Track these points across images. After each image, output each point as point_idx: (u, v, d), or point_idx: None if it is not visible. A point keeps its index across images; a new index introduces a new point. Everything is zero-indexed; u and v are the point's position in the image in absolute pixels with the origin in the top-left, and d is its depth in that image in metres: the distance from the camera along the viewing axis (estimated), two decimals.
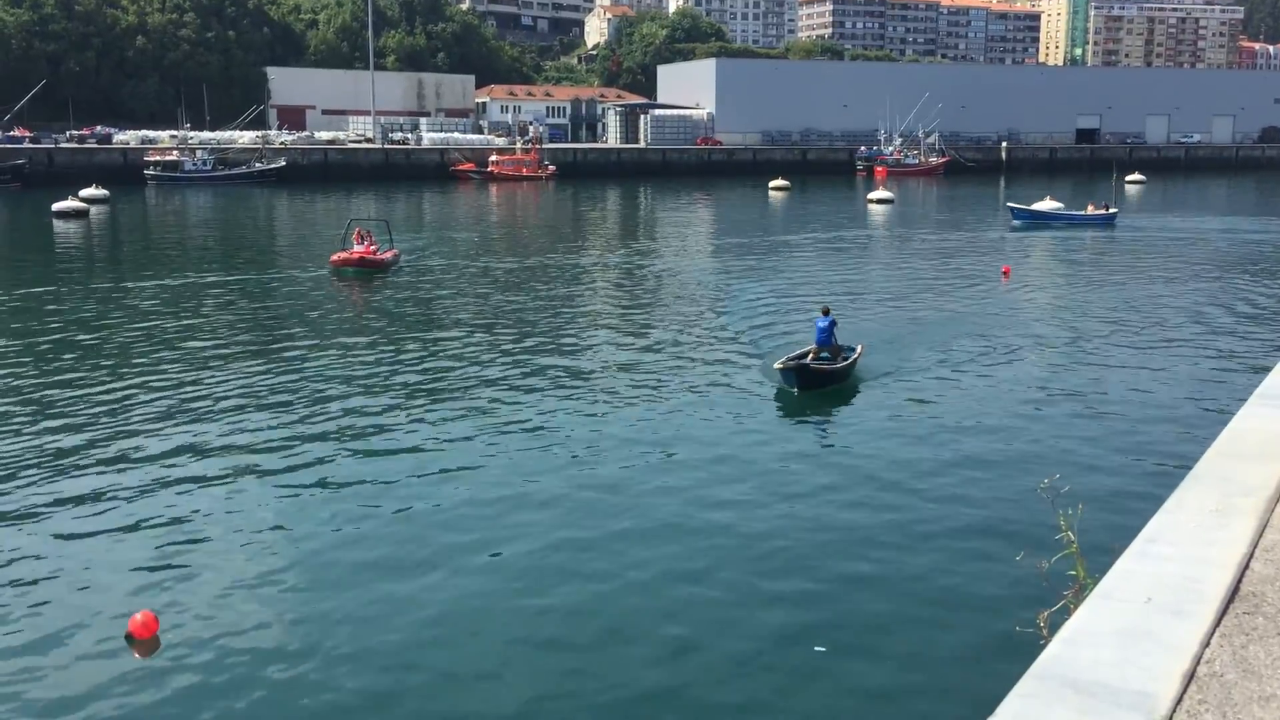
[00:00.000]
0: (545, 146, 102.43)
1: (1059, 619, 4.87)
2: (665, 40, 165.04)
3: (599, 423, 17.62)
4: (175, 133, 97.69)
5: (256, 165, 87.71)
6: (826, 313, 20.46)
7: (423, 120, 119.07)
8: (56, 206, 56.75)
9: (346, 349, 23.53)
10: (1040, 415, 18.24)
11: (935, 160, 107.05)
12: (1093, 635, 3.42)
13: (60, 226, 53.24)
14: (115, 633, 10.26)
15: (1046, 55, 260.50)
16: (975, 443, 16.59)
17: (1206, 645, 3.43)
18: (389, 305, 30.01)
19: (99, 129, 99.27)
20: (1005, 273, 36.03)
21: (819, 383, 18.98)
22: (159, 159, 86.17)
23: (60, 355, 22.85)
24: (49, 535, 12.76)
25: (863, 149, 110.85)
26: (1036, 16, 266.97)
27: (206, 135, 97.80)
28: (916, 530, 12.98)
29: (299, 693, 9.38)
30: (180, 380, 20.39)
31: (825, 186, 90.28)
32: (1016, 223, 54.57)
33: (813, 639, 10.18)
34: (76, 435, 16.78)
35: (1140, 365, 22.34)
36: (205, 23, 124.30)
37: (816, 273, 37.11)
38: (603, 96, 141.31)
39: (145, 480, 14.69)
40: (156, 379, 20.51)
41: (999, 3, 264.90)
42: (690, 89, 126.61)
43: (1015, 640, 7.72)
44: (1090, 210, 54.85)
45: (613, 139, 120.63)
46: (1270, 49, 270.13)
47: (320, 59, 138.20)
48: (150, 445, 16.25)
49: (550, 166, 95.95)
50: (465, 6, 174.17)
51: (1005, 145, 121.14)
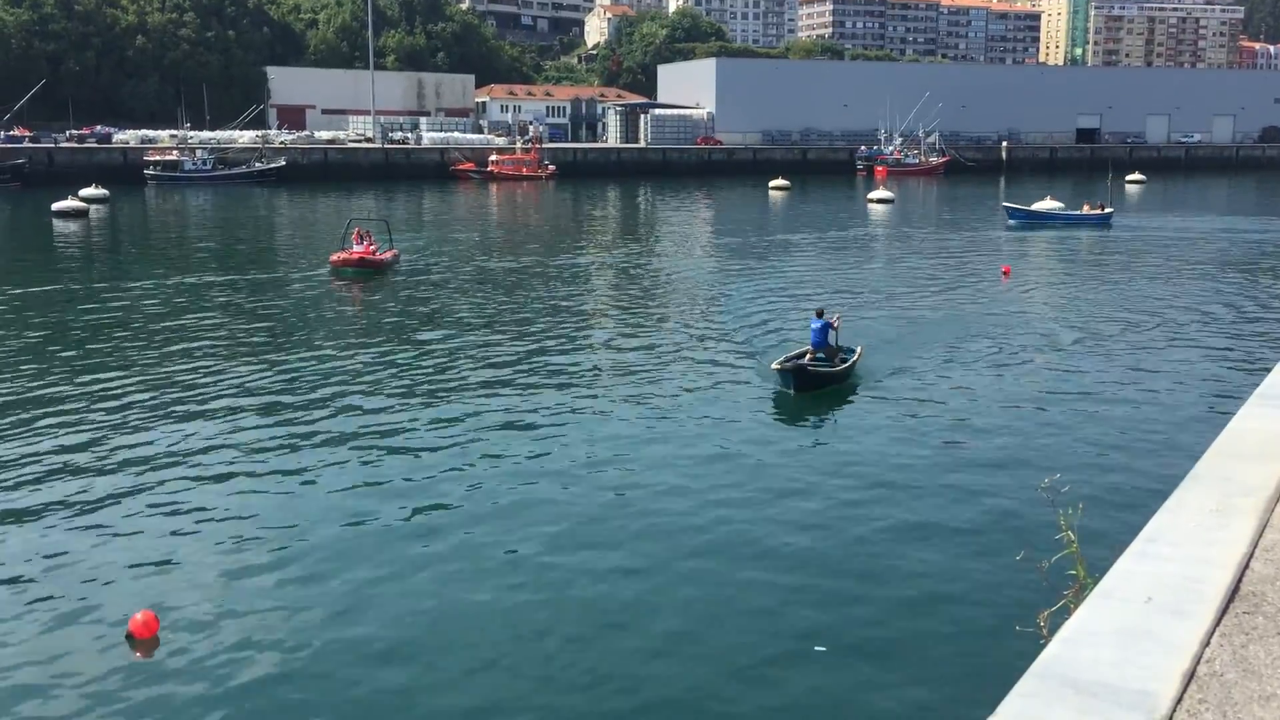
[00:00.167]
0: (545, 146, 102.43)
1: (1059, 618, 4.88)
2: (665, 40, 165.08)
3: (597, 423, 17.64)
4: (175, 132, 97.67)
5: (256, 165, 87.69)
6: (820, 314, 20.48)
7: (423, 120, 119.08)
8: (56, 206, 56.77)
9: (346, 349, 23.54)
10: (1040, 415, 18.25)
11: (935, 160, 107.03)
12: (1093, 635, 3.42)
13: (60, 226, 53.26)
14: (116, 632, 10.27)
15: (1047, 55, 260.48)
16: (975, 442, 16.60)
17: (1207, 645, 3.43)
18: (388, 305, 30.02)
19: (99, 128, 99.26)
20: (1005, 272, 36.02)
21: (816, 384, 19.01)
22: (159, 159, 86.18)
23: (60, 355, 22.87)
24: (49, 535, 12.77)
25: (863, 149, 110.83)
26: (1037, 16, 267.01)
27: (206, 135, 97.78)
28: (916, 530, 12.98)
29: (300, 692, 9.38)
30: (180, 380, 20.40)
31: (825, 186, 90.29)
32: (1012, 222, 54.58)
33: (813, 638, 10.19)
34: (76, 434, 16.79)
35: (1140, 365, 22.35)
36: (205, 22, 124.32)
37: (816, 272, 37.11)
38: (603, 96, 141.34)
39: (145, 479, 14.70)
40: (156, 378, 20.53)
41: (999, 2, 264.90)
42: (690, 89, 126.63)
43: (1015, 639, 7.72)
44: (1086, 210, 54.87)
45: (613, 139, 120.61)
46: (1270, 49, 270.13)
47: (320, 59, 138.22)
48: (150, 444, 16.26)
49: (550, 166, 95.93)
50: (465, 6, 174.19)
51: (1005, 145, 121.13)
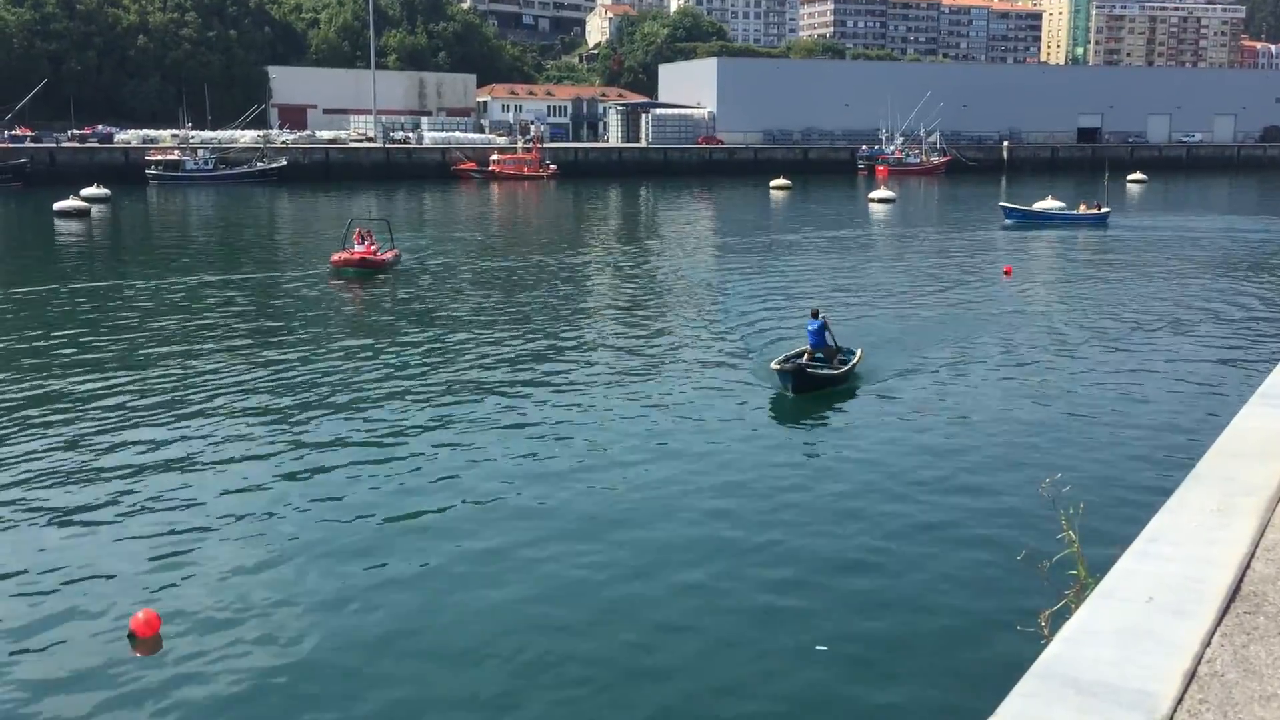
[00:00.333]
0: (546, 146, 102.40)
1: (1060, 618, 4.88)
2: (666, 39, 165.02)
3: (596, 423, 17.63)
4: (176, 132, 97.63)
5: (258, 164, 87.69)
6: (816, 315, 20.38)
7: (424, 119, 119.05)
8: (58, 206, 56.79)
9: (346, 349, 23.55)
10: (1041, 415, 18.24)
11: (936, 159, 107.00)
12: (1094, 634, 3.43)
13: (62, 226, 53.28)
14: (117, 631, 10.27)
15: (1048, 54, 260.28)
16: (975, 442, 16.59)
17: (1207, 645, 3.43)
18: (389, 305, 30.04)
19: (100, 128, 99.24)
20: (1007, 272, 36.00)
21: (815, 386, 18.97)
22: (160, 158, 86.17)
23: (61, 354, 22.88)
24: (51, 534, 12.78)
25: (864, 148, 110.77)
26: (1038, 16, 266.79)
27: (208, 134, 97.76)
28: (916, 530, 12.98)
29: (301, 690, 9.39)
30: (181, 379, 20.42)
31: (826, 186, 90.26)
32: (1008, 222, 54.57)
33: (814, 639, 10.19)
34: (77, 433, 16.80)
35: (1141, 365, 22.33)
36: (207, 22, 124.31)
37: (817, 272, 37.10)
38: (604, 96, 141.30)
39: (146, 478, 14.71)
40: (157, 378, 20.54)
41: (1000, 2, 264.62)
42: (691, 88, 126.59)
43: (1016, 639, 7.73)
44: (1082, 210, 54.91)
45: (614, 138, 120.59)
46: (1272, 48, 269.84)
47: (321, 58, 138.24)
48: (151, 443, 16.27)
49: (552, 166, 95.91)
50: (466, 6, 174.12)
51: (1007, 144, 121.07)
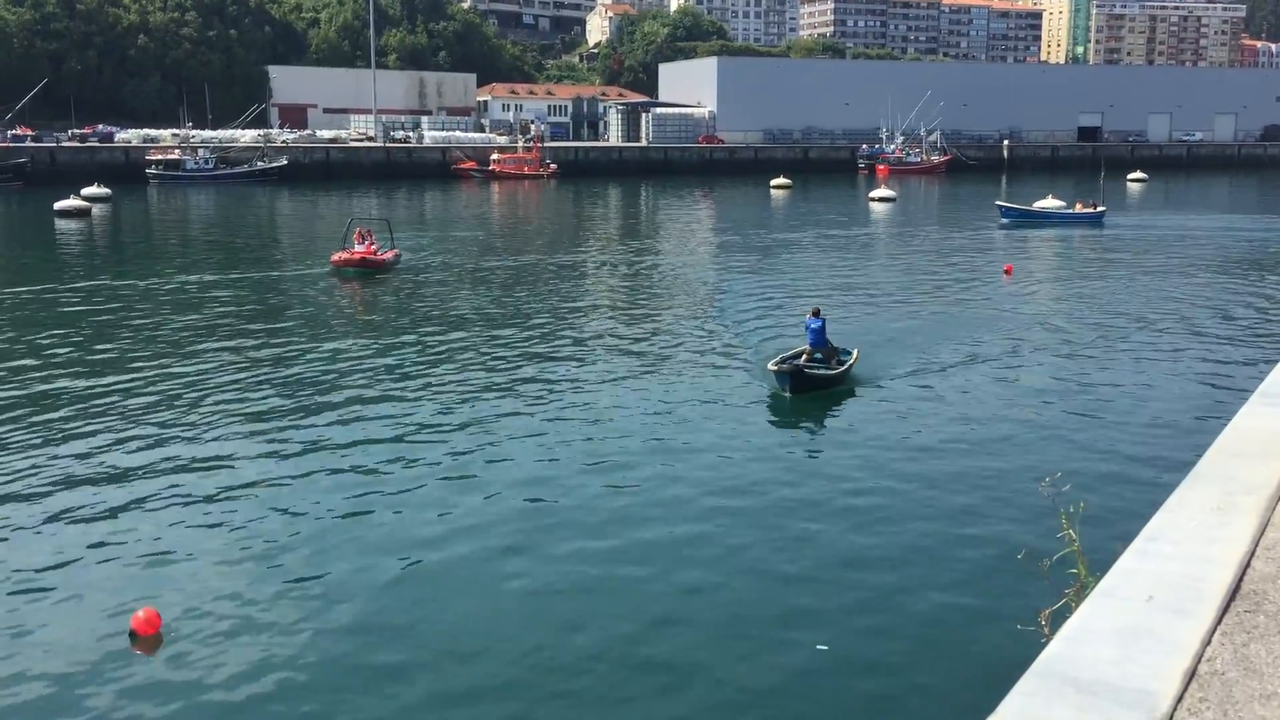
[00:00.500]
0: (547, 145, 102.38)
1: (1060, 617, 4.88)
2: (667, 39, 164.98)
3: (592, 424, 17.61)
4: (177, 131, 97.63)
5: (258, 164, 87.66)
6: (817, 314, 20.30)
7: (424, 119, 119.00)
8: (58, 205, 56.80)
9: (346, 348, 23.55)
10: (1041, 414, 18.23)
11: (937, 159, 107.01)
12: (1094, 633, 3.43)
13: (62, 225, 53.29)
14: (118, 629, 10.28)
15: (1048, 53, 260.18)
16: (975, 441, 16.58)
17: (1208, 643, 3.43)
18: (389, 305, 30.04)
19: (101, 128, 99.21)
20: (1007, 271, 35.99)
21: (812, 387, 18.93)
22: (161, 158, 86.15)
23: (62, 353, 22.89)
24: (51, 532, 12.79)
25: (864, 147, 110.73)
26: (1038, 15, 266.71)
27: (208, 134, 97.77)
28: (916, 529, 12.98)
29: (302, 687, 9.39)
30: (181, 378, 20.42)
31: (827, 185, 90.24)
32: (1005, 221, 54.52)
33: (814, 638, 10.19)
34: (78, 432, 16.81)
35: (1141, 363, 22.33)
36: (207, 21, 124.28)
37: (817, 271, 37.10)
38: (604, 95, 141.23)
39: (147, 476, 14.71)
40: (157, 377, 20.55)
41: (1000, 1, 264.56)
42: (692, 87, 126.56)
43: (1016, 638, 7.72)
44: (1079, 209, 54.92)
45: (614, 137, 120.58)
46: (1272, 47, 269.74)
47: (322, 58, 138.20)
48: (151, 442, 16.27)
49: (552, 165, 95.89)
50: (467, 5, 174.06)
51: (1007, 143, 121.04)
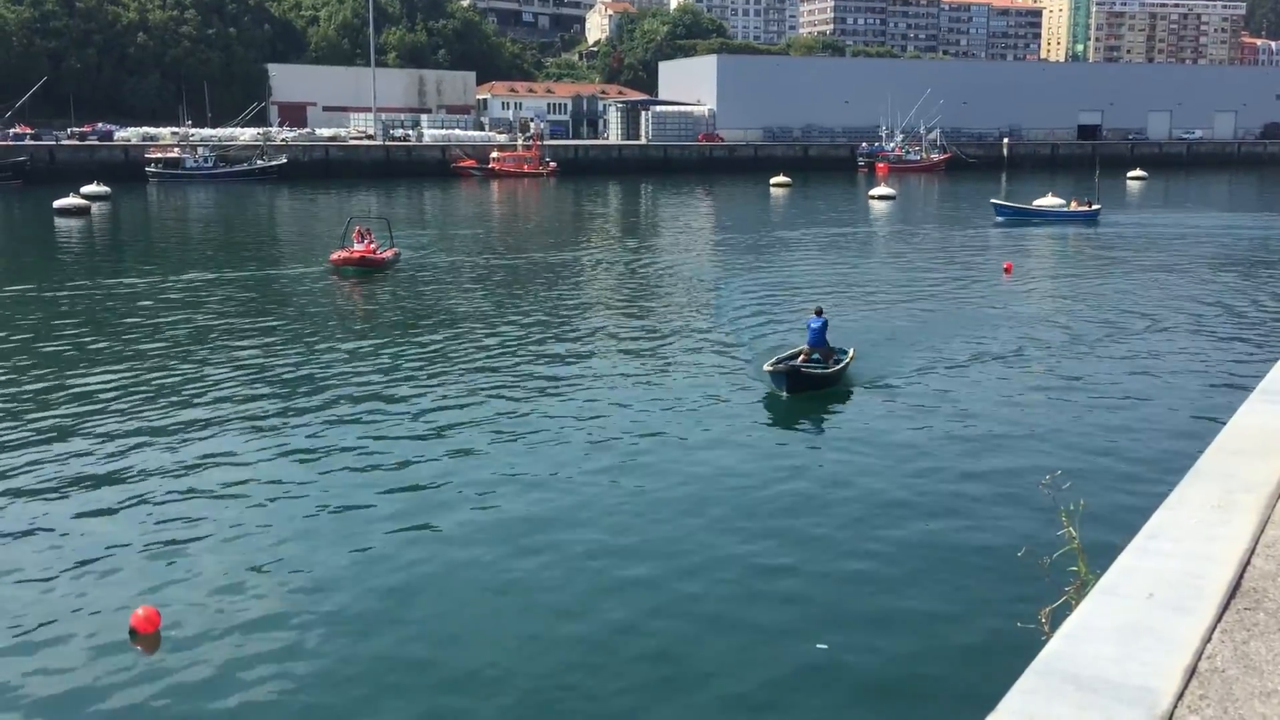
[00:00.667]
0: (546, 143, 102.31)
1: (1060, 615, 4.88)
2: (666, 36, 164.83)
3: (590, 421, 17.61)
4: (176, 130, 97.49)
5: (258, 162, 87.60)
6: (819, 313, 20.27)
7: (424, 117, 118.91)
8: (58, 203, 56.78)
9: (345, 347, 23.55)
10: (1041, 412, 18.24)
11: (937, 157, 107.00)
12: (1094, 631, 3.42)
13: (62, 223, 53.29)
14: (118, 627, 10.28)
15: (1048, 51, 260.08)
16: (975, 439, 16.59)
17: (1208, 641, 3.43)
18: (389, 304, 30.04)
19: (100, 126, 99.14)
20: (1007, 269, 35.98)
21: (809, 386, 18.90)
22: (160, 156, 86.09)
23: (60, 352, 22.89)
24: (51, 530, 12.79)
25: (864, 145, 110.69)
26: (1038, 13, 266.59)
27: (208, 132, 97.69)
28: (915, 527, 12.98)
29: (302, 685, 9.39)
30: (181, 376, 20.43)
31: (826, 183, 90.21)
32: (999, 219, 54.49)
33: (814, 637, 10.19)
34: (78, 431, 16.81)
35: (1141, 361, 22.33)
36: (206, 19, 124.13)
37: (817, 270, 37.09)
38: (604, 93, 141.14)
39: (146, 475, 14.71)
40: (157, 375, 20.55)
41: None
42: (691, 85, 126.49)
43: (1017, 636, 7.72)
44: (1073, 207, 54.96)
45: (614, 135, 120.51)
46: (1272, 45, 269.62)
47: (321, 56, 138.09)
48: (150, 441, 16.28)
49: (552, 163, 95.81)
50: (466, 3, 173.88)
51: (1007, 141, 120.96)
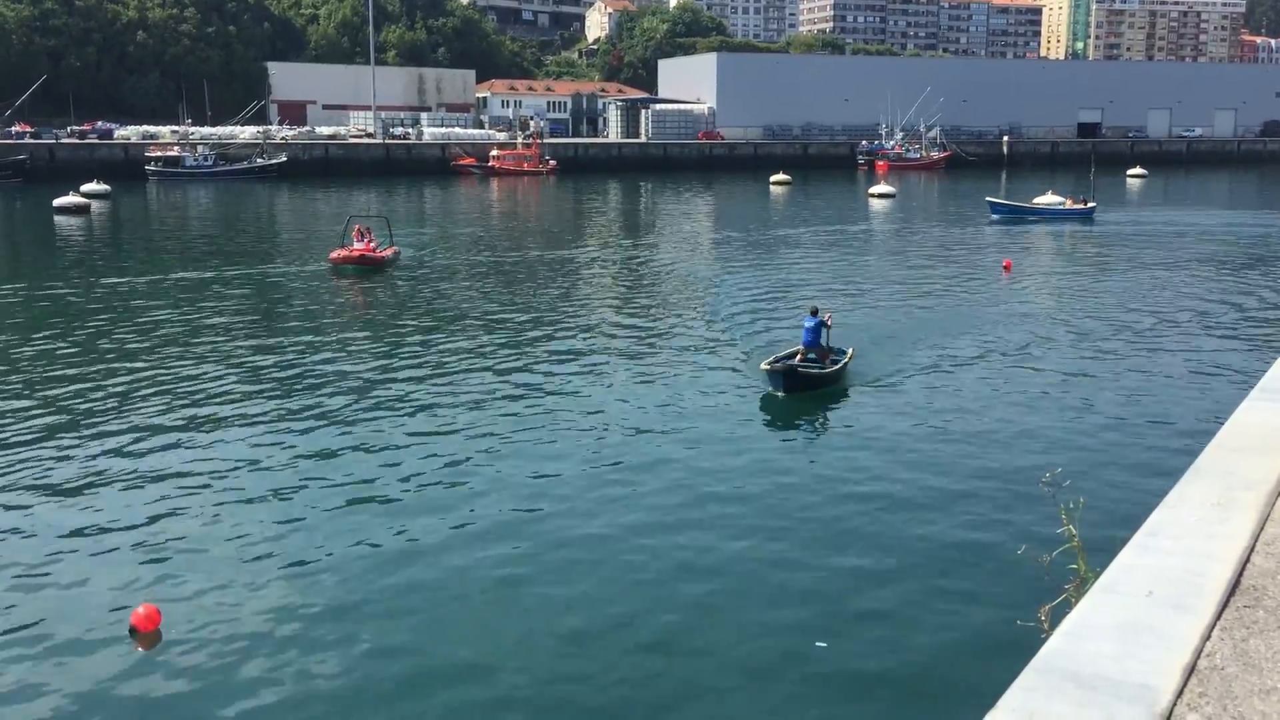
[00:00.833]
0: (546, 141, 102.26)
1: (1060, 612, 4.88)
2: (666, 35, 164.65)
3: (587, 420, 17.61)
4: (176, 128, 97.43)
5: (257, 161, 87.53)
6: (815, 313, 20.27)
7: (423, 115, 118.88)
8: (58, 202, 56.75)
9: (345, 346, 23.56)
10: (1041, 410, 18.24)
11: (936, 155, 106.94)
12: (1094, 629, 3.42)
13: (61, 222, 53.27)
14: (118, 625, 10.28)
15: (1048, 49, 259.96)
16: (976, 437, 16.59)
17: (1207, 639, 3.43)
18: (388, 302, 30.03)
19: (100, 124, 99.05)
20: (1007, 267, 35.97)
21: (806, 386, 18.89)
22: (160, 154, 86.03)
23: (61, 350, 22.88)
24: (51, 528, 12.79)
25: (864, 143, 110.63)
26: (1038, 10, 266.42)
27: (207, 131, 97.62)
28: (915, 525, 12.98)
29: (302, 684, 9.40)
30: (180, 375, 20.43)
31: (826, 181, 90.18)
32: (995, 217, 54.46)
33: (813, 634, 10.20)
34: (78, 429, 16.82)
35: (1141, 359, 22.33)
36: (206, 18, 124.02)
37: (816, 268, 37.09)
38: (604, 91, 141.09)
39: (146, 473, 14.72)
40: (157, 373, 20.56)
41: None
42: (691, 83, 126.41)
43: (1016, 634, 7.72)
44: (1068, 204, 55.00)
45: (614, 134, 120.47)
46: (1272, 42, 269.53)
47: (321, 54, 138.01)
48: (151, 439, 16.28)
49: (551, 161, 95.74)
50: (466, 1, 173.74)
51: (1007, 139, 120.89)
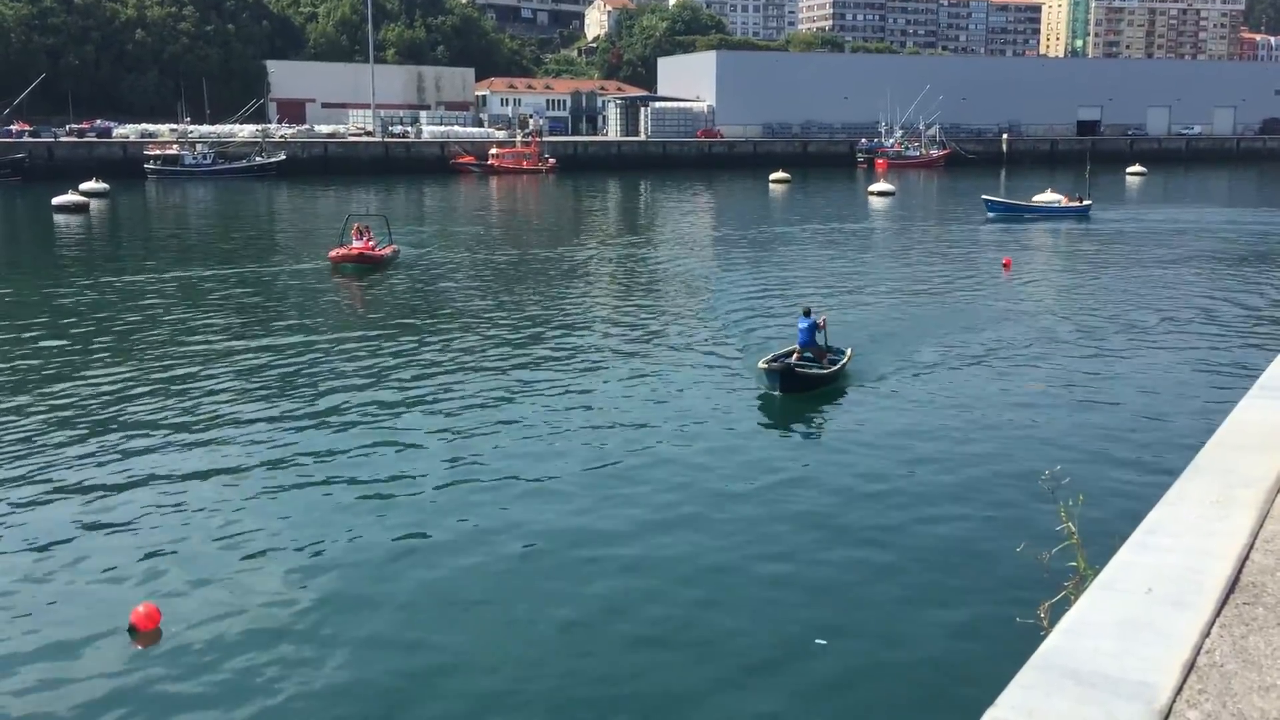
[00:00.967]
0: (545, 139, 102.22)
1: (1059, 610, 4.88)
2: (665, 33, 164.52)
3: (585, 419, 17.60)
4: (175, 126, 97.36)
5: (256, 159, 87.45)
6: (808, 313, 20.22)
7: (423, 114, 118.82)
8: (56, 200, 56.69)
9: (344, 345, 23.55)
10: (1040, 407, 18.24)
11: (936, 152, 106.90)
12: (1093, 626, 3.43)
13: (60, 220, 53.24)
14: (118, 624, 10.28)
15: (1047, 47, 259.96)
16: (975, 434, 16.59)
17: (1206, 636, 3.44)
18: (387, 300, 30.03)
19: (98, 123, 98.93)
20: (1006, 265, 35.98)
21: (804, 386, 18.84)
22: (159, 153, 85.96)
23: (61, 348, 22.88)
24: (50, 527, 12.78)
25: (863, 141, 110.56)
26: (1037, 8, 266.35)
27: (206, 129, 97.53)
28: (914, 523, 12.99)
29: (302, 682, 9.40)
30: (180, 373, 20.43)
31: (826, 179, 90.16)
32: (991, 215, 54.43)
33: (812, 632, 10.20)
34: (78, 427, 16.81)
35: (1140, 356, 22.34)
36: (204, 16, 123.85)
37: (815, 266, 37.08)
38: (603, 89, 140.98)
39: (146, 471, 14.72)
40: (156, 372, 20.56)
41: None
42: (691, 81, 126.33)
43: (1016, 631, 7.72)
44: (1064, 202, 55.04)
45: (613, 132, 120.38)
46: (1271, 40, 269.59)
47: (320, 52, 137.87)
48: (150, 437, 16.28)
49: (550, 159, 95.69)
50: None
51: (1006, 137, 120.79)
